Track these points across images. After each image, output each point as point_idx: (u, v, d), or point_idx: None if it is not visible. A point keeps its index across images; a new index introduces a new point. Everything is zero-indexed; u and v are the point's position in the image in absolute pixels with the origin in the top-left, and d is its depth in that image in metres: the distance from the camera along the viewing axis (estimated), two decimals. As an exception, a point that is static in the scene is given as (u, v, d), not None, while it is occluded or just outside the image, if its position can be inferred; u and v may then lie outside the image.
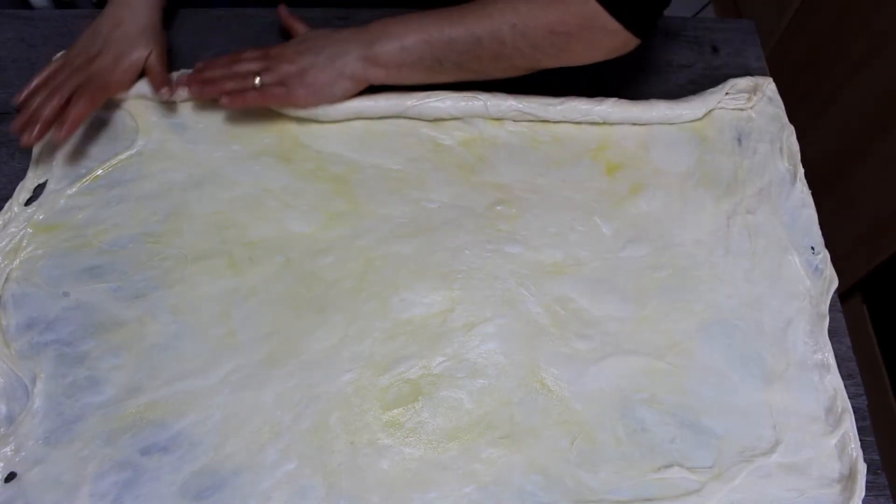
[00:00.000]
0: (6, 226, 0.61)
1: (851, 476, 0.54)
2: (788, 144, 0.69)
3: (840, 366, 0.59)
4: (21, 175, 0.64)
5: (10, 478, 0.51)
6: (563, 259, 0.62)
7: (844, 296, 1.19)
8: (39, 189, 0.64)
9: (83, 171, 0.64)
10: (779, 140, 0.70)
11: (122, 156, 0.65)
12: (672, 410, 0.56)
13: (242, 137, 0.67)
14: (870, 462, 0.55)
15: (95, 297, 0.58)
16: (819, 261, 0.64)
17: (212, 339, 0.57)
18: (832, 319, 0.61)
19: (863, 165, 1.16)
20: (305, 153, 0.66)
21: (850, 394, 0.58)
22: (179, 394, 0.55)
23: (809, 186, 0.68)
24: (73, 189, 0.63)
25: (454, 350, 0.58)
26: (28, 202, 0.63)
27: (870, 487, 0.53)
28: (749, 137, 0.70)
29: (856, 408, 0.57)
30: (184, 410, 0.54)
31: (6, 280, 0.59)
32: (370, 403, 0.55)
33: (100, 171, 0.64)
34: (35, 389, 0.54)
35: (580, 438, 0.55)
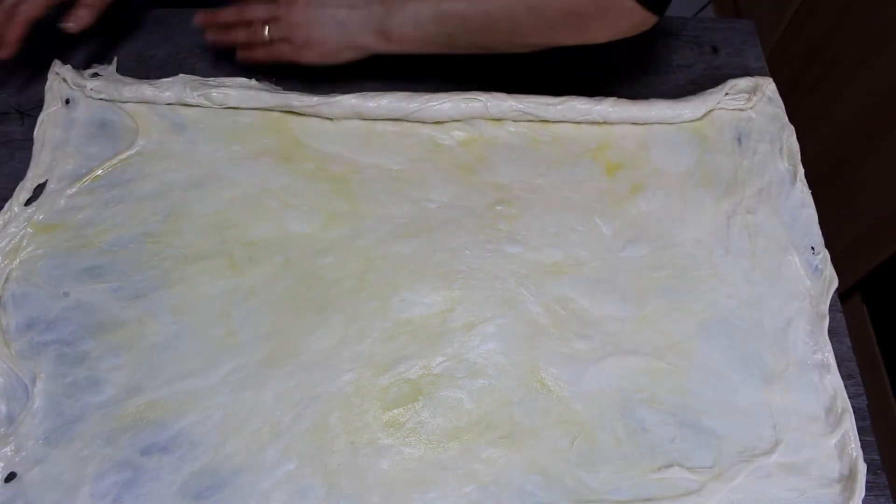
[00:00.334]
0: (6, 226, 0.61)
1: (851, 476, 0.54)
2: (788, 144, 0.69)
3: (840, 366, 0.59)
4: (21, 175, 0.64)
5: (10, 478, 0.51)
6: (563, 259, 0.62)
7: (844, 296, 1.19)
8: (39, 189, 0.63)
9: (83, 171, 0.64)
10: (779, 140, 0.70)
11: (122, 156, 0.65)
12: (672, 410, 0.56)
13: (242, 137, 0.67)
14: (870, 462, 0.55)
15: (95, 297, 0.58)
16: (819, 261, 0.64)
17: (212, 339, 0.57)
18: (832, 319, 0.61)
19: (863, 165, 1.16)
20: (305, 153, 0.67)
21: (850, 394, 0.58)
22: (179, 394, 0.55)
23: (809, 186, 0.68)
24: (73, 189, 0.63)
25: (454, 350, 0.58)
26: (28, 202, 0.62)
27: (870, 487, 0.54)
28: (749, 137, 0.70)
29: (856, 408, 0.57)
30: (184, 410, 0.54)
31: (6, 280, 0.59)
32: (370, 403, 0.55)
33: (100, 171, 0.64)
34: (35, 389, 0.54)
35: (580, 438, 0.55)
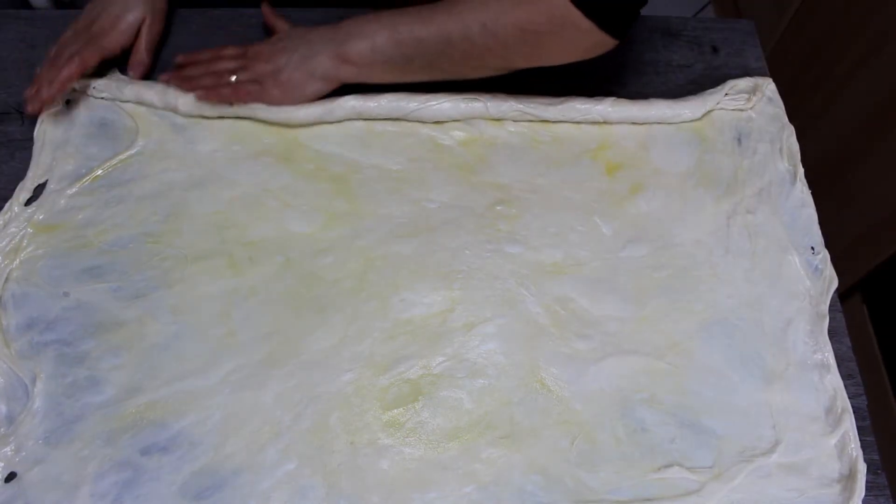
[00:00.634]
0: (6, 226, 0.61)
1: (851, 476, 0.54)
2: (788, 144, 0.69)
3: (840, 366, 0.59)
4: (21, 175, 0.64)
5: (11, 478, 0.51)
6: (563, 259, 0.62)
7: (844, 296, 1.19)
8: (39, 189, 0.63)
9: (83, 171, 0.64)
10: (779, 140, 0.70)
11: (122, 156, 0.65)
12: (672, 410, 0.56)
13: (242, 137, 0.67)
14: (870, 462, 0.55)
15: (95, 297, 0.58)
16: (819, 261, 0.64)
17: (212, 339, 0.57)
18: (832, 319, 0.61)
19: (863, 165, 1.16)
20: (305, 153, 0.66)
21: (850, 394, 0.58)
22: (179, 394, 0.55)
23: (809, 186, 0.68)
24: (74, 189, 0.63)
25: (454, 350, 0.58)
26: (28, 202, 0.62)
27: (870, 487, 0.54)
28: (749, 137, 0.70)
29: (856, 408, 0.57)
30: (184, 410, 0.54)
31: (6, 280, 0.59)
32: (370, 403, 0.55)
33: (100, 171, 0.64)
34: (35, 389, 0.54)
35: (580, 438, 0.55)
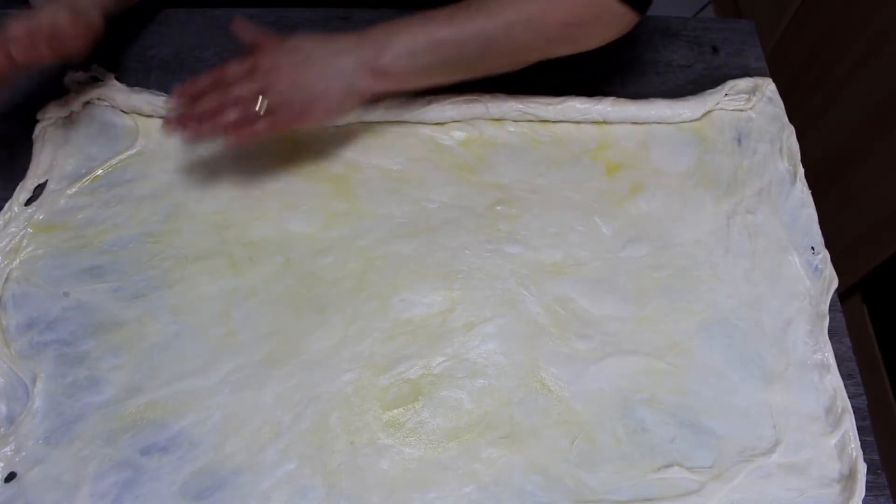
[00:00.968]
0: (6, 226, 0.61)
1: (851, 476, 0.54)
2: (788, 144, 0.69)
3: (840, 366, 0.59)
4: (21, 175, 0.64)
5: (11, 478, 0.51)
6: (563, 259, 0.62)
7: (844, 296, 1.19)
8: (39, 189, 0.63)
9: (83, 171, 0.64)
10: (779, 140, 0.70)
11: (122, 156, 0.65)
12: (672, 410, 0.56)
13: (242, 137, 0.67)
14: (870, 462, 0.55)
15: (95, 297, 0.58)
16: (819, 261, 0.64)
17: (212, 339, 0.57)
18: (832, 319, 0.61)
19: (863, 165, 1.16)
20: (306, 153, 0.66)
21: (850, 394, 0.58)
22: (179, 394, 0.55)
23: (809, 186, 0.68)
24: (74, 189, 0.63)
25: (454, 350, 0.58)
26: (28, 202, 0.63)
27: (870, 487, 0.53)
28: (749, 137, 0.70)
29: (856, 408, 0.57)
30: (184, 410, 0.54)
31: (6, 280, 0.59)
32: (370, 403, 0.55)
33: (100, 171, 0.64)
34: (35, 389, 0.54)
35: (580, 438, 0.55)
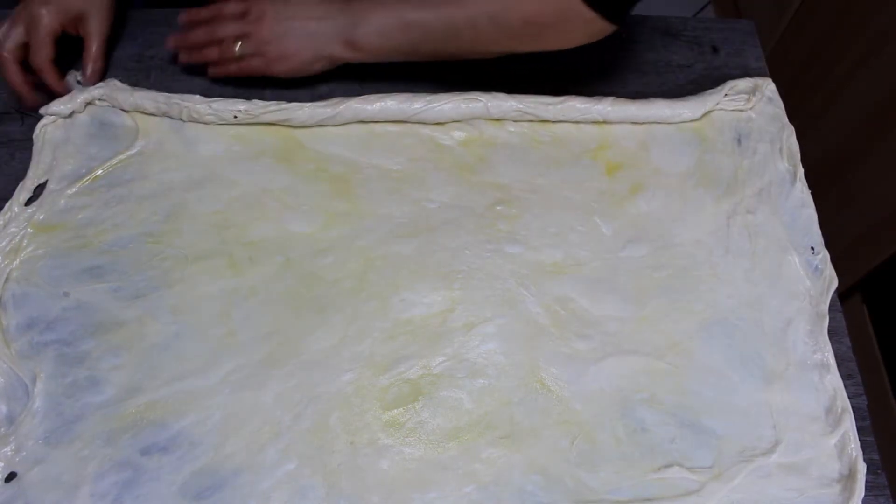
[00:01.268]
0: (6, 226, 0.61)
1: (851, 476, 0.54)
2: (788, 144, 0.69)
3: (840, 366, 0.59)
4: (21, 175, 0.64)
5: (11, 478, 0.51)
6: (563, 259, 0.62)
7: (844, 296, 1.19)
8: (39, 189, 0.63)
9: (83, 171, 0.64)
10: (779, 140, 0.70)
11: (122, 156, 0.65)
12: (672, 410, 0.56)
13: (242, 137, 0.67)
14: (869, 462, 0.55)
15: (95, 297, 0.58)
16: (819, 261, 0.64)
17: (212, 339, 0.57)
18: (832, 319, 0.61)
19: (863, 165, 1.16)
20: (305, 153, 0.67)
21: (850, 394, 0.58)
22: (179, 394, 0.55)
23: (809, 186, 0.68)
24: (74, 189, 0.63)
25: (454, 350, 0.58)
26: (28, 202, 0.62)
27: (870, 487, 0.54)
28: (749, 138, 0.70)
29: (855, 408, 0.57)
30: (184, 410, 0.54)
31: (6, 280, 0.59)
32: (370, 403, 0.55)
33: (100, 171, 0.64)
34: (35, 389, 0.54)
35: (580, 438, 0.55)
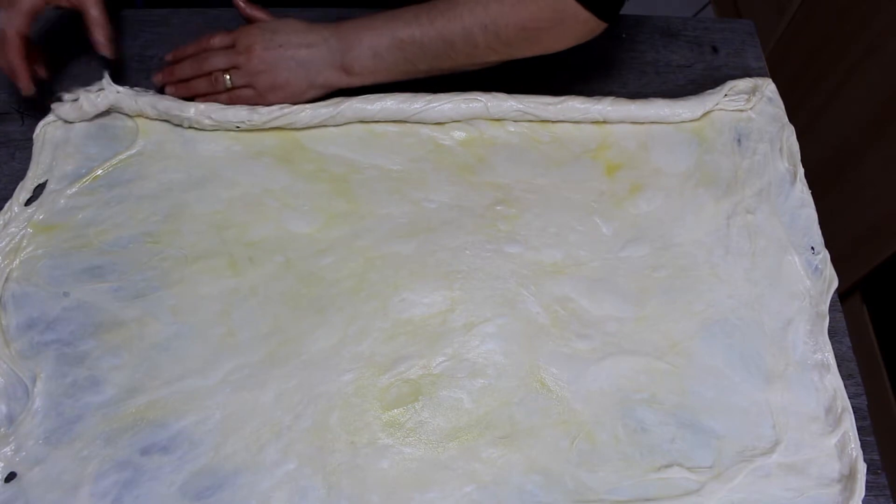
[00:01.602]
0: (6, 226, 0.61)
1: (851, 476, 0.54)
2: (788, 145, 0.69)
3: (840, 366, 0.59)
4: (21, 175, 0.64)
5: (11, 477, 0.51)
6: (563, 259, 0.62)
7: (844, 296, 1.19)
8: (39, 189, 0.63)
9: (83, 171, 0.64)
10: (779, 140, 0.70)
11: (122, 156, 0.65)
12: (672, 410, 0.56)
13: (242, 137, 0.67)
14: (870, 462, 0.55)
15: (95, 297, 0.58)
16: (819, 261, 0.64)
17: (212, 339, 0.57)
18: (832, 319, 0.61)
19: (863, 165, 1.16)
20: (305, 154, 0.67)
21: (850, 394, 0.58)
22: (179, 394, 0.55)
23: (809, 186, 0.68)
24: (73, 189, 0.63)
25: (454, 350, 0.58)
26: (28, 202, 0.62)
27: (870, 487, 0.54)
28: (749, 138, 0.70)
29: (856, 408, 0.57)
30: (184, 410, 0.54)
31: (6, 280, 0.59)
32: (370, 403, 0.55)
33: (100, 171, 0.64)
34: (35, 389, 0.54)
35: (580, 438, 0.55)
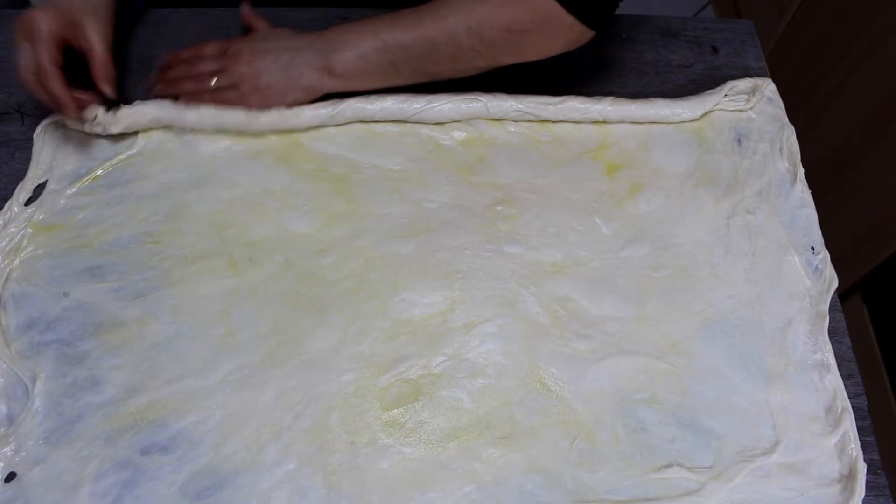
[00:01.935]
0: (6, 226, 0.61)
1: (851, 476, 0.54)
2: (788, 144, 0.69)
3: (840, 365, 0.59)
4: (21, 175, 0.64)
5: (11, 477, 0.51)
6: (563, 259, 0.62)
7: (844, 296, 1.19)
8: (39, 189, 0.63)
9: (83, 171, 0.64)
10: (778, 140, 0.70)
11: (122, 156, 0.65)
12: (672, 410, 0.56)
13: (242, 137, 0.67)
14: (869, 462, 0.55)
15: (96, 297, 0.58)
16: (819, 261, 0.64)
17: (212, 339, 0.57)
18: (832, 319, 0.61)
19: (863, 165, 1.16)
20: (305, 154, 0.67)
21: (850, 394, 0.58)
22: (179, 394, 0.55)
23: (809, 186, 0.68)
24: (74, 189, 0.63)
25: (454, 350, 0.58)
26: (28, 202, 0.63)
27: (870, 487, 0.54)
28: (749, 138, 0.70)
29: (856, 408, 0.57)
30: (184, 410, 0.54)
31: (6, 280, 0.59)
32: (370, 403, 0.55)
33: (100, 171, 0.64)
34: (35, 389, 0.54)
35: (580, 438, 0.55)
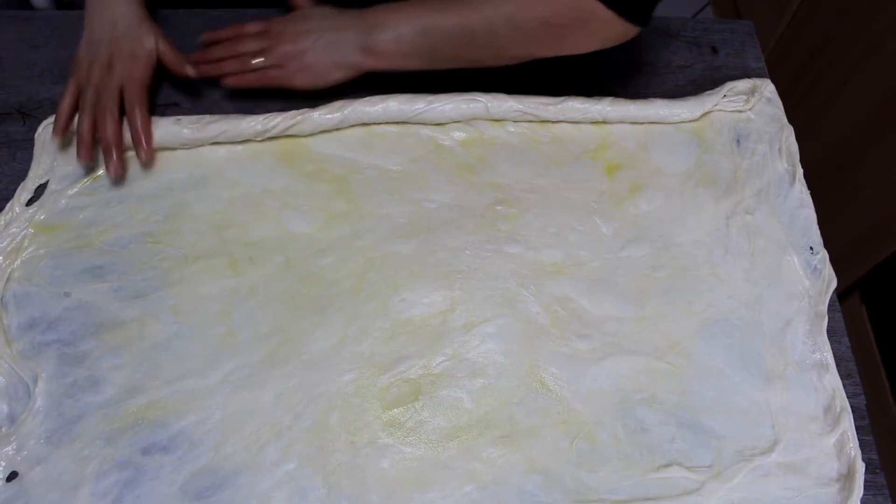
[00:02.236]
0: (7, 226, 0.61)
1: (850, 475, 0.54)
2: (787, 145, 0.70)
3: (839, 365, 0.59)
4: (22, 175, 0.64)
5: (12, 477, 0.51)
6: (563, 259, 0.62)
7: (843, 296, 1.19)
8: (40, 189, 0.64)
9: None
10: (778, 141, 0.70)
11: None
12: (672, 410, 0.56)
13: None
14: (868, 461, 0.55)
15: (96, 297, 0.58)
16: (818, 261, 0.64)
17: (212, 339, 0.57)
18: (831, 319, 0.61)
19: (862, 165, 1.16)
20: (306, 154, 0.67)
21: (849, 393, 0.58)
22: (179, 394, 0.55)
23: (809, 186, 0.68)
24: (74, 189, 0.63)
25: (454, 350, 0.58)
26: (29, 202, 0.63)
27: (868, 486, 0.54)
28: (748, 138, 0.70)
29: (854, 407, 0.57)
30: (184, 410, 0.54)
31: (8, 280, 0.59)
32: (370, 403, 0.55)
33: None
34: (36, 389, 0.54)
35: (580, 438, 0.55)
